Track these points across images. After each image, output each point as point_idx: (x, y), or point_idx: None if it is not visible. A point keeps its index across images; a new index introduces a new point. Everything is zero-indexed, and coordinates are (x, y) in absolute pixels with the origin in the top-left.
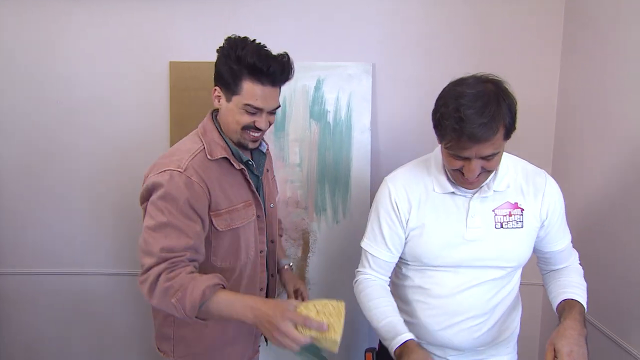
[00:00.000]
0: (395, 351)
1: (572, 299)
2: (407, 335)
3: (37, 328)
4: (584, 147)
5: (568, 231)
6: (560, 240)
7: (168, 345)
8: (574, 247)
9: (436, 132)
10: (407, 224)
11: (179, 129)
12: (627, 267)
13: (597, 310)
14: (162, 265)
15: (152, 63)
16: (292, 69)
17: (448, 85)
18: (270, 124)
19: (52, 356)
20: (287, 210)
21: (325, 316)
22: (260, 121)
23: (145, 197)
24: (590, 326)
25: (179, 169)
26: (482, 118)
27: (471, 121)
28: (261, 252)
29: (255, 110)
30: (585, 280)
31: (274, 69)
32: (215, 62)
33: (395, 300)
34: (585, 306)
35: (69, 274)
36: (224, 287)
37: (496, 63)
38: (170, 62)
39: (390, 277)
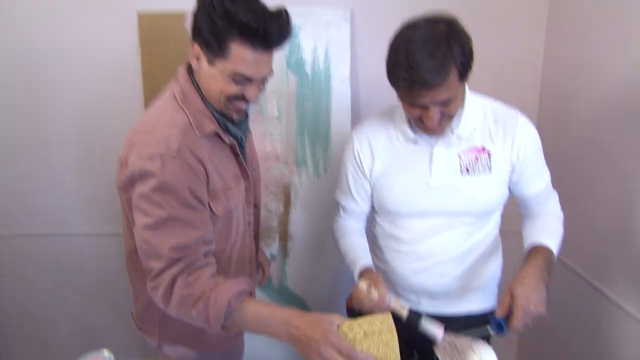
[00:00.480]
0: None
1: (540, 245)
2: (364, 263)
3: (22, 291)
4: (569, 97)
5: (546, 173)
6: (536, 184)
7: (153, 328)
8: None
9: (389, 82)
10: (370, 176)
11: (151, 83)
12: (606, 212)
13: (574, 253)
14: (176, 268)
15: (118, 14)
16: (291, 29)
17: (400, 27)
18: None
19: (37, 324)
20: (267, 165)
21: (376, 337)
22: (250, 92)
23: (128, 186)
24: (567, 269)
25: (170, 152)
26: (432, 63)
27: (421, 68)
28: (249, 223)
29: (245, 80)
30: (565, 224)
31: (271, 30)
32: (194, 13)
33: (373, 249)
34: (554, 252)
35: (52, 235)
36: (251, 294)
37: (483, 10)
38: (139, 12)
39: (367, 226)
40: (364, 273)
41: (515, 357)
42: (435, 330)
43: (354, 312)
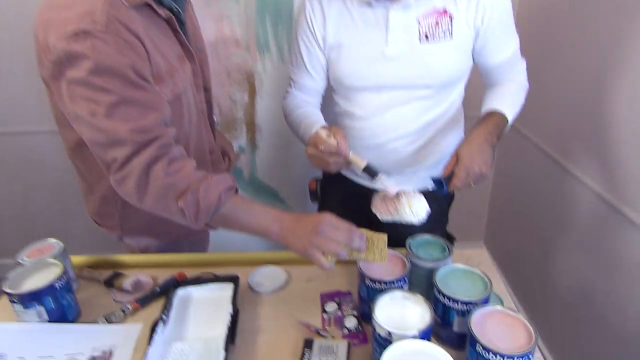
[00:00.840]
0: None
1: (494, 111)
2: (322, 125)
3: None
4: None
5: (514, 40)
6: (502, 52)
7: (112, 222)
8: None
9: None
10: (324, 44)
11: None
12: (574, 86)
13: (540, 130)
14: (148, 154)
15: None
16: None
17: None
18: None
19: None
20: (228, 51)
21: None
22: None
23: (57, 73)
24: (534, 147)
25: (98, 27)
26: None
27: None
28: (202, 111)
29: None
30: (530, 97)
31: None
32: None
33: None
34: (509, 118)
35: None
36: (236, 191)
37: None
38: None
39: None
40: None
41: (485, 231)
42: (389, 185)
43: (316, 194)
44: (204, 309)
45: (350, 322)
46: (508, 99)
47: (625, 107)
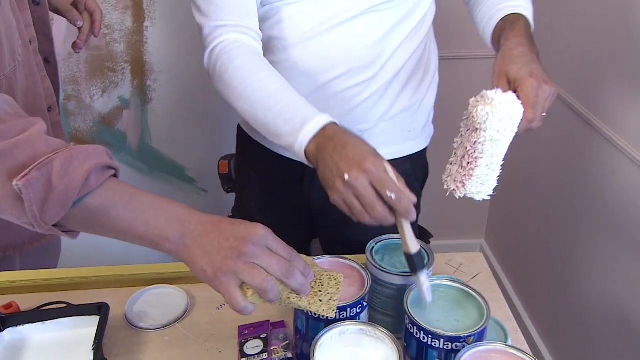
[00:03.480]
0: (307, 148)
1: (512, 14)
2: (324, 118)
3: None
4: None
5: None
6: None
7: None
8: None
9: None
10: None
11: None
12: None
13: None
14: None
15: None
16: None
17: None
18: None
19: None
20: None
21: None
22: None
23: None
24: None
25: None
26: None
27: None
28: (30, 41)
29: None
30: (545, 36)
31: None
32: None
33: None
34: (531, 20)
35: None
36: (116, 174)
37: None
38: None
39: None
40: (339, 135)
41: (486, 224)
42: (425, 287)
43: (230, 178)
44: (51, 358)
45: None
46: None
47: None
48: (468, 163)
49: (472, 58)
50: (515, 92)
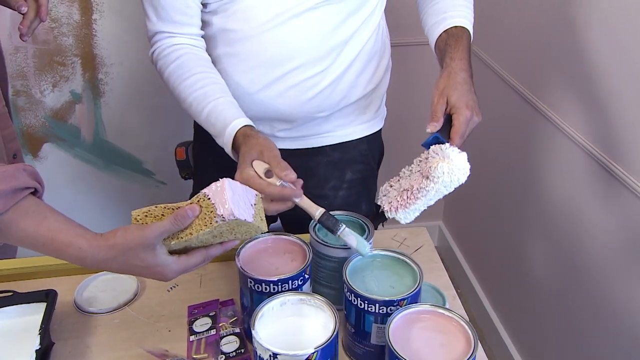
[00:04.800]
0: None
1: (456, 27)
2: (240, 121)
3: None
4: None
5: None
6: None
7: None
8: None
9: None
10: None
11: None
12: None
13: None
14: None
15: None
16: None
17: None
18: None
19: None
20: None
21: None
22: None
23: None
24: (501, 81)
25: None
26: None
27: None
28: None
29: None
30: (491, 22)
31: None
32: None
33: None
34: (471, 32)
35: None
36: (36, 191)
37: None
38: None
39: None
40: (246, 136)
41: (443, 204)
42: (352, 241)
43: (188, 165)
44: None
45: (230, 344)
46: (461, 8)
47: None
48: (408, 197)
49: (421, 44)
50: (450, 115)
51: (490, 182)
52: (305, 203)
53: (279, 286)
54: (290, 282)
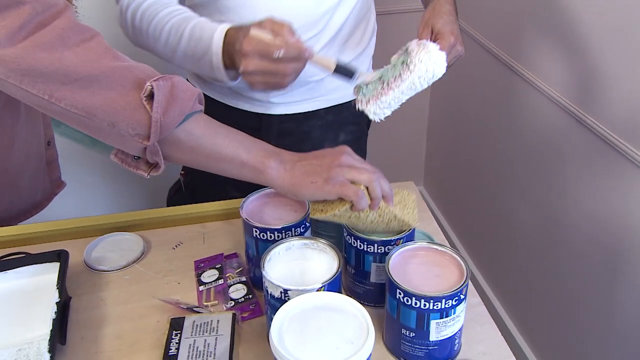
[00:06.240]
0: (225, 58)
1: None
2: (224, 26)
3: None
4: None
5: None
6: None
7: None
8: None
9: None
10: None
11: None
12: None
13: (480, 21)
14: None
15: None
16: None
17: None
18: None
19: None
20: None
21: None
22: None
23: None
24: (476, 43)
25: None
26: None
27: None
28: None
29: None
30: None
31: None
32: None
33: None
34: None
35: None
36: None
37: None
38: None
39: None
40: (239, 29)
41: (423, 171)
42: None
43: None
44: (14, 305)
45: (238, 292)
46: None
47: None
48: (382, 88)
49: (402, 12)
50: (434, 41)
51: (470, 145)
52: (318, 57)
53: (283, 233)
54: (293, 229)
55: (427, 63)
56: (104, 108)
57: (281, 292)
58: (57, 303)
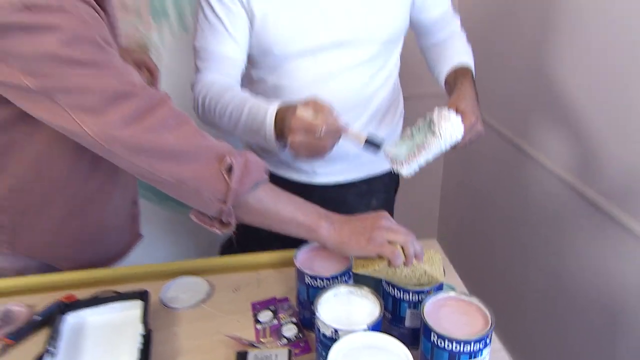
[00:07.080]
0: (276, 131)
1: (462, 67)
2: (275, 105)
3: None
4: None
5: None
6: (440, 4)
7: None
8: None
9: None
10: (247, 3)
11: None
12: (523, 61)
13: (492, 107)
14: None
15: None
16: None
17: None
18: None
19: None
20: None
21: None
22: None
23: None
24: (487, 126)
25: None
26: None
27: None
28: None
29: None
30: (480, 78)
31: None
32: None
33: None
34: (473, 72)
35: None
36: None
37: None
38: None
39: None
40: (286, 108)
41: (437, 226)
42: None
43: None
44: (104, 336)
45: (289, 331)
46: (464, 54)
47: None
48: (415, 153)
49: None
50: None
51: (479, 212)
52: (351, 132)
53: (331, 281)
54: (339, 277)
55: (451, 129)
56: (192, 178)
57: (332, 332)
58: (142, 335)
